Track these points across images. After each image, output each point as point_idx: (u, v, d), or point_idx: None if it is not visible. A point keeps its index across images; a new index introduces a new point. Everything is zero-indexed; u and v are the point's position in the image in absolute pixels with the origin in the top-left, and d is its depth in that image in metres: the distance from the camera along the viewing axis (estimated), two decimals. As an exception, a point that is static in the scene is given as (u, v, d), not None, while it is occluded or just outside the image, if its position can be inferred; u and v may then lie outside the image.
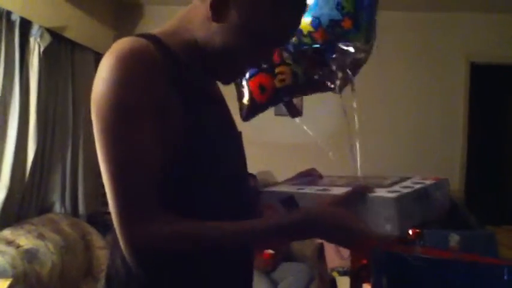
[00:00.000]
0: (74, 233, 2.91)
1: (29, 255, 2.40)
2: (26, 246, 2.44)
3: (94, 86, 0.83)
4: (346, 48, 1.98)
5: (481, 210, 3.55)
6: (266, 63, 1.09)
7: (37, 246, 2.49)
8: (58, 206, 3.20)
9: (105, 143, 0.80)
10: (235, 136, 1.00)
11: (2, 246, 2.35)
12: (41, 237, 2.58)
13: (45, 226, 2.73)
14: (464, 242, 1.29)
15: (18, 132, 2.71)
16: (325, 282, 3.04)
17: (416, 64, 4.15)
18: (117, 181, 0.79)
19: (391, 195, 0.81)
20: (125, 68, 0.79)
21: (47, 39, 2.84)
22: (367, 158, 2.43)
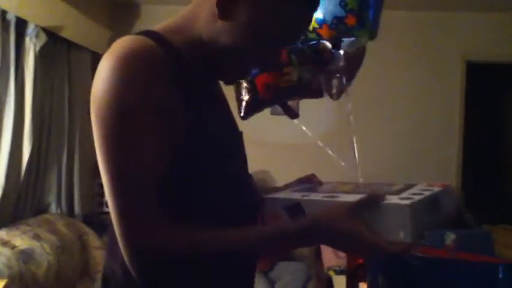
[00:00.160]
0: (70, 233, 2.91)
1: (25, 255, 2.39)
2: (22, 246, 2.43)
3: (93, 87, 0.80)
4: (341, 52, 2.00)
5: (478, 209, 3.56)
6: (271, 64, 1.06)
7: (33, 246, 2.48)
8: (54, 207, 3.19)
9: (105, 146, 0.77)
10: (236, 136, 0.98)
11: (-2, 246, 2.34)
12: (37, 237, 2.57)
13: (41, 226, 2.72)
14: (460, 241, 1.30)
15: (13, 132, 2.70)
16: (321, 281, 3.05)
17: (412, 63, 4.16)
18: (118, 185, 0.76)
19: (405, 202, 0.80)
20: (126, 68, 0.77)
21: (43, 38, 2.83)
22: (364, 157, 2.44)
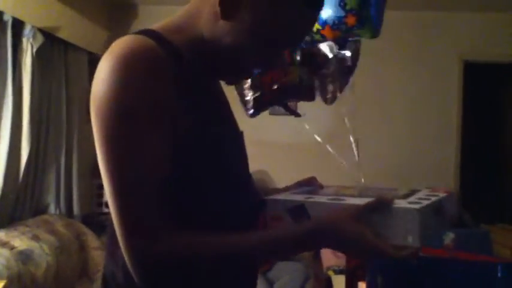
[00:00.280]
0: (69, 234, 2.90)
1: (24, 256, 2.39)
2: (21, 247, 2.43)
3: (93, 87, 0.78)
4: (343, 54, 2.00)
5: (476, 208, 3.56)
6: (273, 64, 1.04)
7: (32, 247, 2.48)
8: (53, 207, 3.18)
9: (106, 147, 0.75)
10: (237, 136, 0.97)
11: (-4, 247, 2.34)
12: (36, 238, 2.57)
13: (39, 227, 2.72)
14: (459, 240, 1.30)
15: (11, 133, 2.70)
16: (320, 281, 3.04)
17: (409, 63, 4.16)
18: (118, 187, 0.74)
19: (414, 206, 0.79)
20: (126, 69, 0.75)
21: (40, 39, 2.83)
22: (361, 157, 2.45)
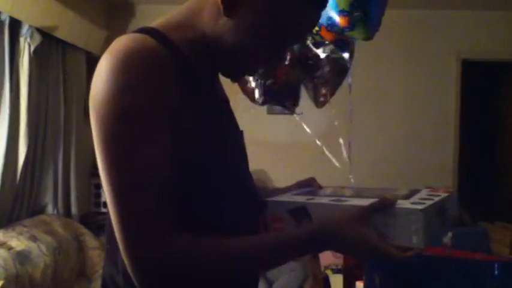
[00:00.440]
0: (67, 234, 2.90)
1: (21, 256, 2.39)
2: (18, 248, 2.42)
3: (93, 88, 0.75)
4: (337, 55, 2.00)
5: (474, 207, 3.57)
6: (278, 62, 1.03)
7: (29, 247, 2.48)
8: (50, 207, 3.18)
9: (106, 152, 0.72)
10: (237, 135, 0.96)
11: (-6, 248, 2.33)
12: (34, 238, 2.57)
13: (37, 227, 2.71)
14: (457, 239, 1.29)
15: (8, 133, 2.69)
16: (318, 280, 3.05)
17: (407, 62, 4.16)
18: (120, 194, 0.72)
19: (418, 206, 0.78)
20: (127, 69, 0.72)
21: (37, 39, 2.82)
22: (359, 157, 2.45)
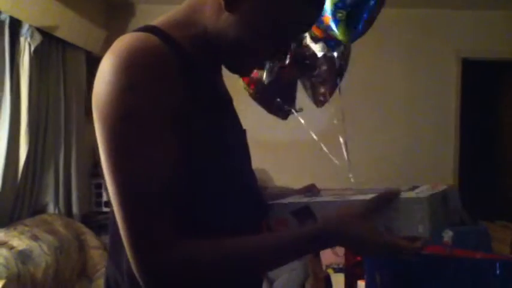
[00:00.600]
0: (68, 234, 2.90)
1: (23, 256, 2.39)
2: (20, 247, 2.42)
3: (96, 89, 0.73)
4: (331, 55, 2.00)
5: (475, 206, 3.57)
6: (283, 55, 1.02)
7: (31, 247, 2.48)
8: (52, 207, 3.18)
9: (112, 154, 0.71)
10: (240, 134, 0.96)
11: (-5, 247, 2.33)
12: (35, 238, 2.57)
13: (38, 227, 2.71)
14: (458, 238, 1.30)
15: (9, 132, 2.69)
16: (320, 279, 3.05)
17: (407, 60, 4.17)
18: (126, 197, 0.71)
19: (422, 195, 0.78)
20: (131, 68, 0.71)
21: (38, 38, 2.82)
22: (359, 156, 2.46)
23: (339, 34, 1.69)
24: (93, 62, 3.33)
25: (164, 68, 0.73)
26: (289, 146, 4.00)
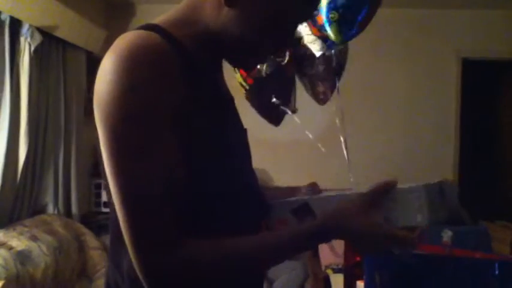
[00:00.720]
0: (68, 234, 2.90)
1: (22, 256, 2.39)
2: (19, 247, 2.42)
3: (97, 88, 0.73)
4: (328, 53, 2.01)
5: (475, 205, 3.56)
6: (287, 44, 1.02)
7: (30, 247, 2.48)
8: (51, 207, 3.18)
9: (115, 156, 0.71)
10: (242, 133, 0.96)
11: (-5, 248, 2.33)
12: (34, 238, 2.57)
13: (38, 227, 2.71)
14: (457, 238, 1.30)
15: (9, 132, 2.69)
16: (319, 279, 3.05)
17: (407, 60, 4.16)
18: (129, 199, 0.71)
19: (420, 183, 0.78)
20: (133, 67, 0.70)
21: (38, 38, 2.82)
22: (358, 156, 2.45)
23: (332, 34, 1.70)
24: (93, 62, 3.33)
25: (166, 66, 0.73)
26: (289, 146, 3.99)
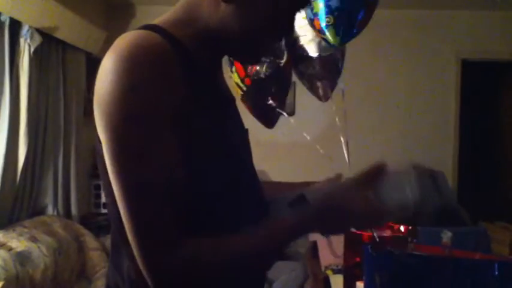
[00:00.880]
0: (67, 235, 2.90)
1: (22, 257, 2.39)
2: (18, 248, 2.42)
3: (98, 88, 0.73)
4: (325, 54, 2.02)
5: (475, 206, 3.57)
6: (289, 33, 1.02)
7: (30, 248, 2.47)
8: (50, 208, 3.18)
9: (117, 156, 0.71)
10: (243, 134, 0.96)
11: (-6, 249, 2.33)
12: (34, 239, 2.57)
13: (37, 228, 2.71)
14: (456, 239, 1.30)
15: (8, 133, 2.69)
16: (319, 280, 3.05)
17: (407, 61, 4.17)
18: (132, 199, 0.72)
19: (409, 165, 0.83)
20: (134, 67, 0.70)
21: (37, 39, 2.82)
22: (357, 156, 2.45)
23: (330, 38, 1.71)
24: (92, 63, 3.33)
25: (166, 66, 0.72)
26: (289, 146, 4.00)
